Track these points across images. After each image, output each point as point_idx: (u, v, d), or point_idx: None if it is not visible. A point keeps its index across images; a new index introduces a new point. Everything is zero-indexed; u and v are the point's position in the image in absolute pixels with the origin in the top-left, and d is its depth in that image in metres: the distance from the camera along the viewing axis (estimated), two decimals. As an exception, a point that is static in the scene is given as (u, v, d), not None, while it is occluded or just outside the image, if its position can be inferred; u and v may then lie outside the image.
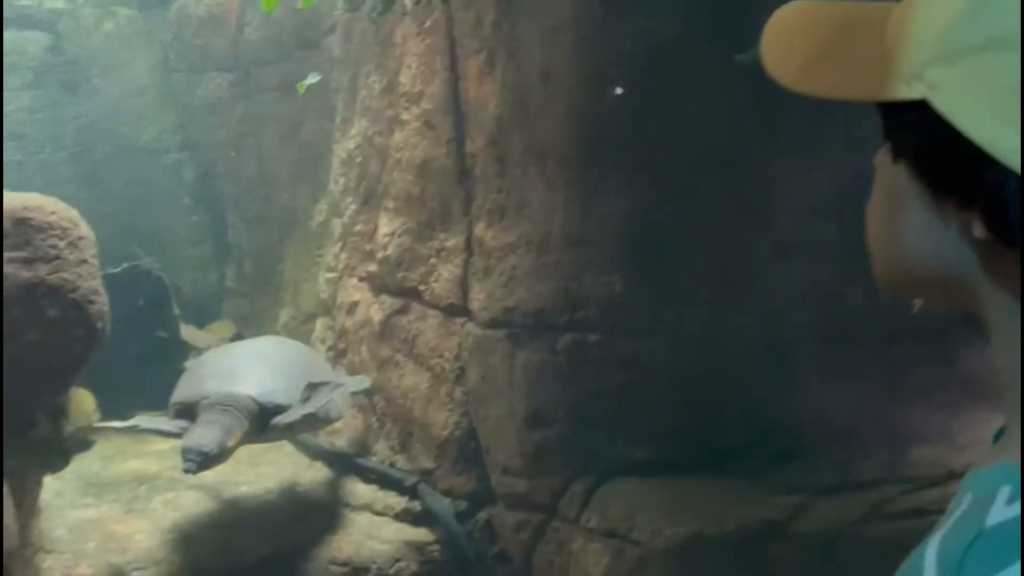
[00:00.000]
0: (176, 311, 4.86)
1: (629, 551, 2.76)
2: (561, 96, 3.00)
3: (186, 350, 4.93)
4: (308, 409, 3.11)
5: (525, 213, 3.10)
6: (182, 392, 3.28)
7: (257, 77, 5.27)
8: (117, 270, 4.48)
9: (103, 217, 5.21)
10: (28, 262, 2.51)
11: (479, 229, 3.24)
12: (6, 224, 2.48)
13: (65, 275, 2.58)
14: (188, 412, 3.12)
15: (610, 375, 2.98)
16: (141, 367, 4.54)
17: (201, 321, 5.45)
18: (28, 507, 2.95)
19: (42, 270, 2.53)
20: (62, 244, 2.58)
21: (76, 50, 6.32)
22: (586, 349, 2.99)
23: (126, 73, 6.09)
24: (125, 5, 6.27)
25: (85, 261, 2.65)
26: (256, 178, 5.46)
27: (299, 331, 4.68)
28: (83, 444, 4.15)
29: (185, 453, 2.91)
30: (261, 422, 3.08)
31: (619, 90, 2.90)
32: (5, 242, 2.48)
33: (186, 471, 2.90)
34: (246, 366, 3.25)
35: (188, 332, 5.06)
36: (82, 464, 3.92)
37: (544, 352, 3.02)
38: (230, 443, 2.98)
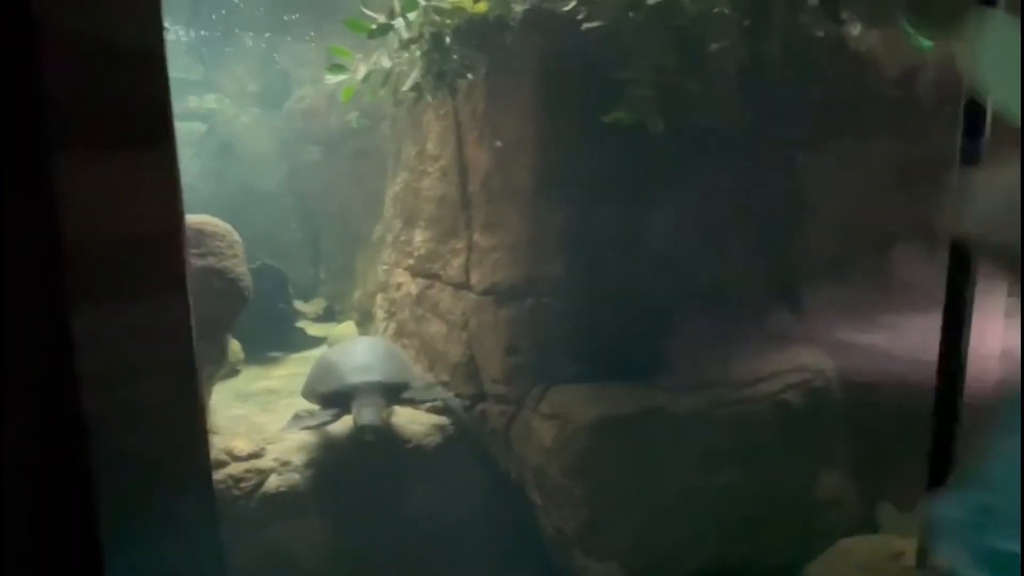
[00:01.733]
0: (290, 290, 4.86)
1: (567, 426, 2.81)
2: (524, 155, 3.04)
3: (297, 316, 4.94)
4: (424, 391, 3.11)
5: (503, 227, 3.15)
6: (327, 384, 3.05)
7: (339, 146, 5.27)
8: (254, 266, 4.49)
9: (245, 237, 5.23)
10: (202, 255, 2.54)
11: (476, 237, 3.28)
12: (189, 232, 2.51)
13: (225, 263, 2.61)
14: (337, 400, 2.97)
15: (556, 322, 3.03)
16: (270, 326, 4.57)
17: (305, 298, 5.47)
18: (205, 405, 2.97)
19: (211, 260, 2.56)
20: (222, 244, 2.61)
21: (223, 133, 6.29)
22: (541, 307, 3.04)
23: (254, 147, 6.07)
24: (254, 105, 6.25)
25: (236, 255, 2.68)
26: (338, 211, 5.47)
27: (366, 302, 4.70)
28: (234, 373, 4.16)
29: (361, 429, 2.81)
30: (392, 396, 3.02)
31: (499, 143, 2.96)
32: (190, 243, 2.51)
33: (367, 442, 2.84)
34: (370, 361, 3.09)
35: (297, 304, 5.07)
36: (232, 384, 3.94)
37: (516, 309, 3.07)
38: (383, 415, 2.91)
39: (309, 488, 2.90)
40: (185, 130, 6.24)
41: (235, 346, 4.17)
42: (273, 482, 2.87)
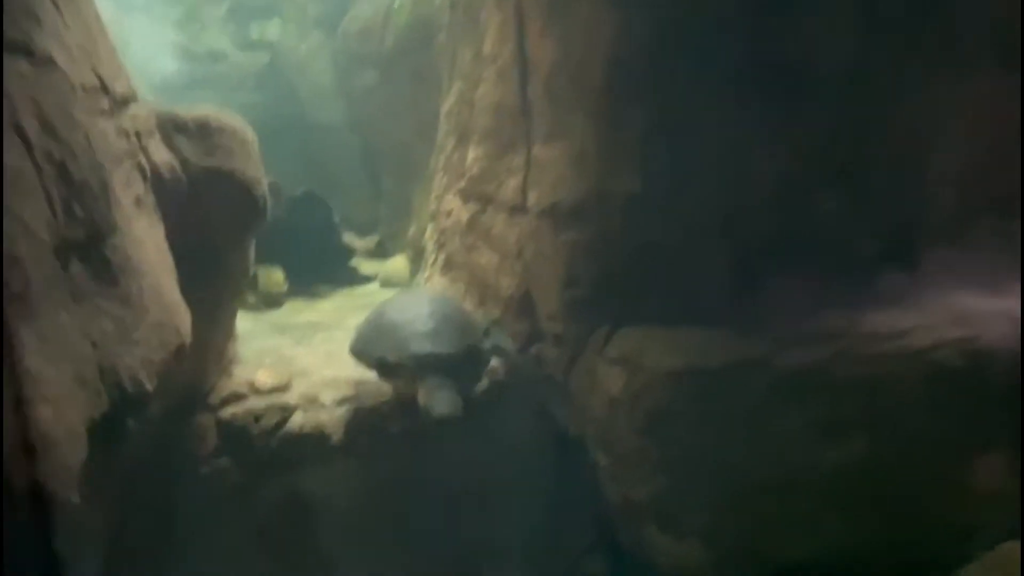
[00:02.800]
0: (337, 222, 4.49)
1: (639, 375, 2.29)
2: (597, 48, 2.46)
3: (348, 251, 4.60)
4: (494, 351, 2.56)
5: (568, 135, 2.59)
6: (382, 348, 2.43)
7: (395, 69, 4.80)
8: (297, 194, 4.15)
9: (297, 170, 4.92)
10: (207, 153, 2.14)
11: (535, 150, 2.75)
12: (192, 126, 2.11)
13: (235, 165, 2.21)
14: (395, 370, 2.41)
15: (627, 250, 2.48)
16: (318, 258, 4.25)
17: (363, 235, 5.13)
18: (227, 330, 2.63)
19: (217, 159, 2.16)
20: (232, 142, 2.20)
21: (285, 63, 5.98)
22: (609, 231, 2.49)
23: (314, 78, 5.75)
24: (315, 29, 5.88)
25: (249, 157, 2.27)
26: (397, 143, 5.04)
27: (420, 238, 4.29)
28: (276, 304, 3.87)
29: (440, 423, 2.23)
30: (463, 369, 2.44)
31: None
32: (191, 140, 2.11)
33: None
34: (435, 325, 2.44)
35: (348, 237, 4.73)
36: (273, 316, 3.63)
37: (579, 233, 2.54)
38: (459, 394, 2.31)
39: (338, 430, 2.52)
40: (248, 62, 5.97)
41: (277, 276, 3.86)
42: (298, 420, 2.52)
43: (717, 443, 2.11)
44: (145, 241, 1.79)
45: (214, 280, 2.28)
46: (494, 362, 2.73)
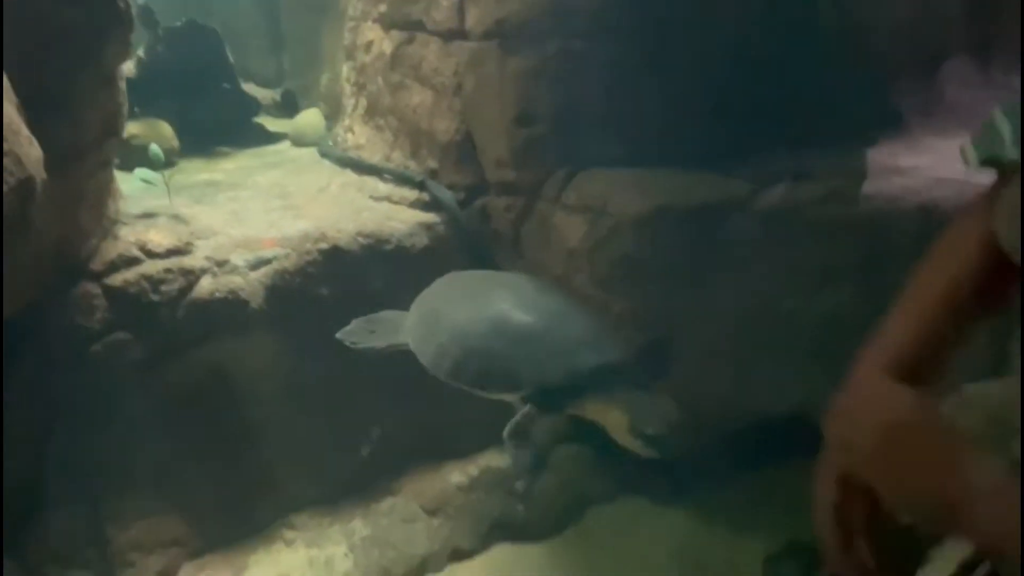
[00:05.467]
0: (231, 61, 3.73)
1: (603, 221, 1.99)
2: None
3: (252, 104, 3.89)
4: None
5: (515, -66, 2.06)
6: (536, 372, 1.54)
7: None
8: (178, 24, 3.36)
9: (185, 9, 3.99)
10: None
11: (474, -43, 2.20)
12: None
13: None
14: (555, 396, 1.53)
15: (590, 79, 2.08)
16: (214, 113, 3.55)
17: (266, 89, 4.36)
18: (102, 182, 2.09)
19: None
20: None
21: None
22: (568, 55, 2.07)
23: None
24: None
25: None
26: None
27: (335, 86, 3.66)
28: (168, 163, 3.22)
29: (657, 446, 1.46)
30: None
31: None
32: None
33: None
34: (587, 328, 1.60)
35: (249, 87, 3.99)
36: (163, 177, 3.01)
37: (531, 58, 2.10)
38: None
39: (256, 297, 2.12)
40: None
41: (164, 128, 3.19)
42: (206, 286, 2.09)
43: (691, 294, 1.88)
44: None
45: (70, 110, 1.72)
46: (433, 216, 2.35)
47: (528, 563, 2.14)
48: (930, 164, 2.00)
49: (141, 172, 2.46)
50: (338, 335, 1.88)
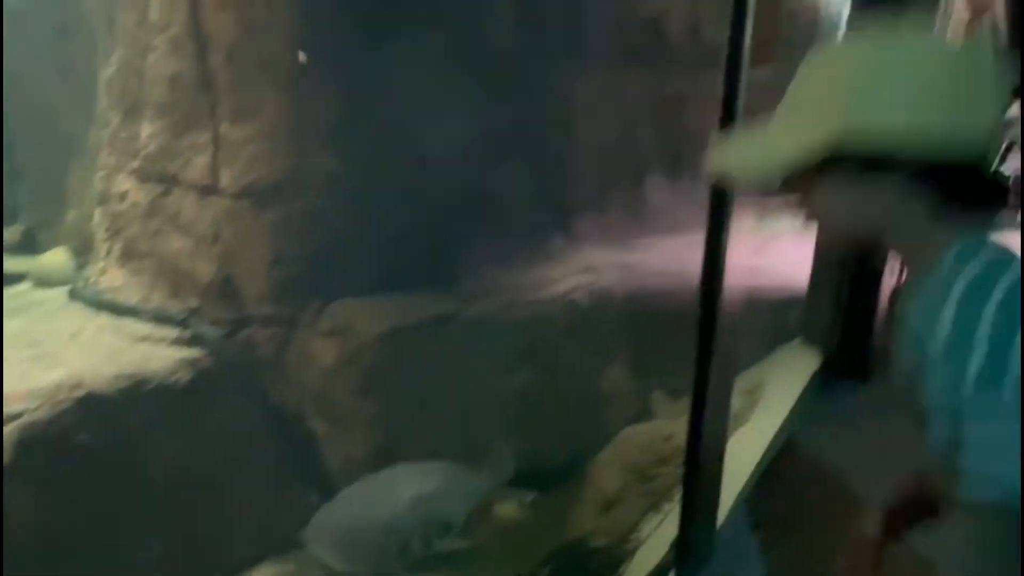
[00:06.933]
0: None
1: (351, 342, 2.38)
2: (279, 25, 2.40)
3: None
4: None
5: (259, 113, 2.50)
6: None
7: (32, 20, 3.86)
8: None
9: None
10: None
11: (224, 127, 2.58)
12: None
13: None
14: None
15: (330, 227, 2.53)
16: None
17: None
18: None
19: None
20: None
21: None
22: (312, 210, 2.51)
23: None
24: None
25: None
26: (39, 110, 4.08)
27: (84, 225, 3.60)
28: None
29: None
30: None
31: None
32: None
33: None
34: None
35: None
36: None
37: (281, 212, 2.50)
38: None
39: (7, 451, 2.06)
40: None
41: None
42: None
43: (423, 389, 2.34)
44: None
45: None
46: (197, 351, 2.52)
47: None
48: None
49: None
50: None
